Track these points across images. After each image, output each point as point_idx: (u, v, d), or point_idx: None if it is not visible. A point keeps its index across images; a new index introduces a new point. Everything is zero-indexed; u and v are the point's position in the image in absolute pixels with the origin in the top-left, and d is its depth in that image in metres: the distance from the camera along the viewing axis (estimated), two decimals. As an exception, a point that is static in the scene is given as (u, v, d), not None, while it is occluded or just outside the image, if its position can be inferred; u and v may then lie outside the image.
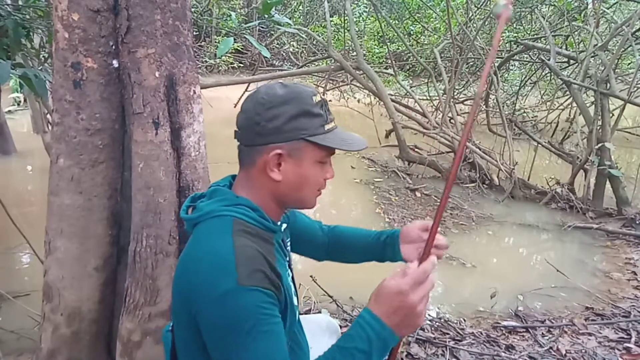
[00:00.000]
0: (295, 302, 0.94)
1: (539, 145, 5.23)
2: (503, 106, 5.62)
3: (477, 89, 7.61)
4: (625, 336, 2.32)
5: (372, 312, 0.78)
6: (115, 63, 1.30)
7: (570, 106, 6.60)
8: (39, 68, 2.39)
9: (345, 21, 6.01)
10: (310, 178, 0.88)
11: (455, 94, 6.51)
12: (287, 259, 0.99)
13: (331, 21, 6.01)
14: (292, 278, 1.01)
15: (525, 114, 7.29)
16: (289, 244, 1.06)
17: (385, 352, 0.81)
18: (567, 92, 5.73)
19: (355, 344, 0.77)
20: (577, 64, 4.83)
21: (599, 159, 3.91)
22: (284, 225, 0.98)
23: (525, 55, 6.40)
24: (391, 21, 7.25)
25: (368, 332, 0.77)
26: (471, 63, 7.52)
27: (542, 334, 2.35)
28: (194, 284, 0.79)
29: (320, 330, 1.27)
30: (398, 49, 8.92)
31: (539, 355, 2.15)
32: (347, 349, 0.77)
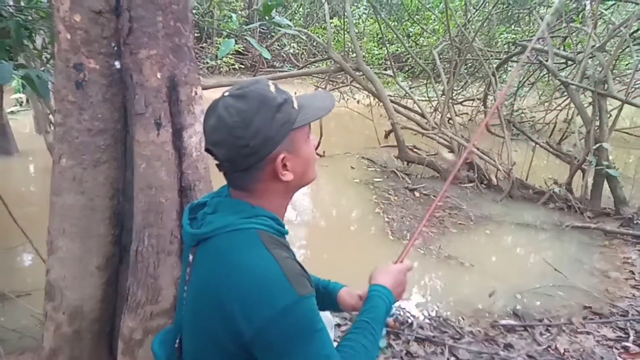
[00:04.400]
0: None
1: (537, 145, 5.25)
2: (501, 107, 5.63)
3: (475, 90, 7.64)
4: (623, 335, 2.34)
5: (384, 286, 1.04)
6: (117, 64, 1.30)
7: (568, 107, 6.61)
8: (42, 69, 2.40)
9: (345, 23, 6.03)
10: (309, 158, 0.93)
11: (453, 94, 6.53)
12: None
13: (331, 23, 6.02)
14: None
15: (523, 115, 7.30)
16: None
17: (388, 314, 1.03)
18: (565, 93, 5.75)
19: (378, 312, 0.98)
20: (575, 65, 4.85)
21: (597, 159, 3.93)
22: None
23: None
24: (390, 23, 7.26)
25: (385, 300, 1.01)
26: (469, 64, 7.54)
27: (541, 332, 2.36)
28: (248, 304, 0.78)
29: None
30: (397, 50, 8.93)
31: (537, 354, 2.16)
32: (376, 317, 0.97)
